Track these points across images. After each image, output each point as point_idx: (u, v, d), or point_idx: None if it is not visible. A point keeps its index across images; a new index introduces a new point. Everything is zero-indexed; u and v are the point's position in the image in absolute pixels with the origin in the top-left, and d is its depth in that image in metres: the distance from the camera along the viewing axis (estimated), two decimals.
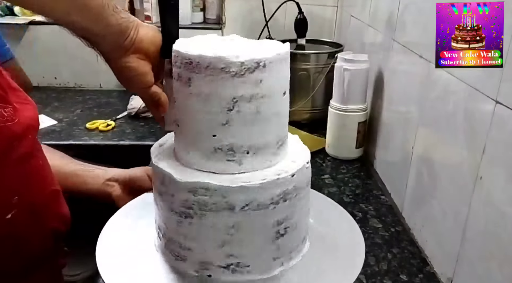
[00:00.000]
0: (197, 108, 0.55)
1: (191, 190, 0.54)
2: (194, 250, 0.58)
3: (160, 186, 0.58)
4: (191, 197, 0.55)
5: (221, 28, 1.67)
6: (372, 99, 1.15)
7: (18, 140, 0.68)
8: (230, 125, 0.54)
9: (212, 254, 0.57)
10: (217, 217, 0.55)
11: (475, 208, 0.64)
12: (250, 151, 0.56)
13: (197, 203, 0.55)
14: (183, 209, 0.56)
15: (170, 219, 0.58)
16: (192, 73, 0.53)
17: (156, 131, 1.34)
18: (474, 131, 0.64)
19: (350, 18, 1.46)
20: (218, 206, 0.54)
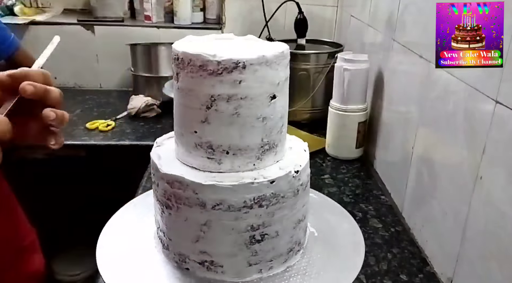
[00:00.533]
0: (181, 102, 0.57)
1: (168, 182, 0.56)
2: (174, 241, 0.60)
3: (153, 176, 0.61)
4: (169, 188, 0.56)
5: (221, 28, 1.68)
6: (372, 99, 1.15)
7: None
8: (209, 123, 0.55)
9: (188, 248, 0.59)
10: (190, 212, 0.56)
11: (475, 208, 0.64)
12: (230, 152, 0.56)
13: (173, 196, 0.56)
14: (163, 200, 0.58)
15: (156, 208, 0.61)
16: (179, 68, 0.55)
17: (156, 131, 1.34)
18: (474, 131, 0.64)
19: (350, 18, 1.46)
20: (190, 201, 0.55)
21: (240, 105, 0.54)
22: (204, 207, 0.55)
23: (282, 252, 0.60)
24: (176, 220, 0.58)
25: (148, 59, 1.52)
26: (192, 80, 0.54)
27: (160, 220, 0.61)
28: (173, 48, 0.56)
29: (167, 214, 0.58)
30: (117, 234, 0.66)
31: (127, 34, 1.64)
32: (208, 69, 0.52)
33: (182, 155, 0.59)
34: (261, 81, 0.54)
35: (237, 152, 0.56)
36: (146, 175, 1.03)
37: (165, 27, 1.68)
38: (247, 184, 0.54)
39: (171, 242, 0.60)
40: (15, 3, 1.73)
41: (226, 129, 0.55)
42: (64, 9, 1.85)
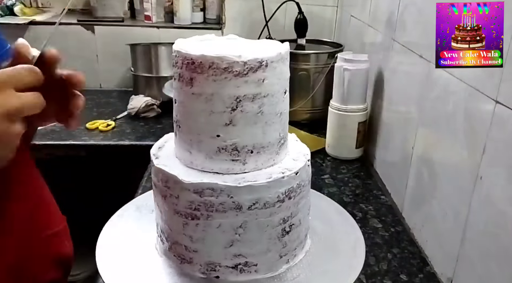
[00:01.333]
0: (200, 109, 0.55)
1: (197, 191, 0.54)
2: (201, 251, 0.58)
3: (164, 188, 0.57)
4: (197, 198, 0.54)
5: (221, 28, 1.68)
6: (372, 99, 1.15)
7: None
8: (234, 124, 0.54)
9: (220, 255, 0.57)
10: (224, 218, 0.55)
11: (475, 208, 0.64)
12: (254, 151, 0.56)
13: (203, 204, 0.55)
14: (189, 211, 0.55)
15: (174, 221, 0.58)
16: (194, 73, 0.53)
17: (156, 131, 1.34)
18: (474, 131, 0.64)
19: (350, 18, 1.46)
20: (225, 206, 0.54)
21: (263, 103, 0.55)
22: (240, 209, 0.55)
23: (302, 239, 0.63)
24: (206, 229, 0.56)
25: (148, 59, 1.52)
26: (215, 83, 0.53)
27: (180, 233, 0.58)
28: (184, 52, 0.54)
29: (192, 225, 0.56)
30: (117, 234, 0.66)
31: (127, 34, 1.64)
32: (233, 71, 0.52)
33: (200, 161, 0.57)
34: (279, 78, 0.56)
35: (260, 150, 0.57)
36: (146, 175, 1.03)
37: (165, 27, 1.68)
38: (279, 179, 0.56)
39: (197, 254, 0.58)
40: (15, 3, 1.73)
41: (251, 128, 0.56)
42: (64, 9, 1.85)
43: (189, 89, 0.54)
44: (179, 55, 0.55)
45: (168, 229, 0.60)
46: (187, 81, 0.54)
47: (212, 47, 0.56)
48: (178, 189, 0.55)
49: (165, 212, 0.59)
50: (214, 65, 0.52)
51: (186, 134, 0.58)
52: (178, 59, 0.55)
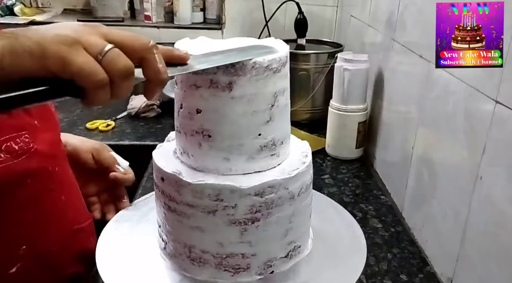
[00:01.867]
0: (240, 111, 0.53)
1: (258, 193, 0.54)
2: (260, 252, 0.57)
3: (213, 202, 0.54)
4: (258, 200, 0.54)
5: (221, 28, 1.68)
6: (372, 99, 1.15)
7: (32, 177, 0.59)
8: (273, 120, 0.56)
9: (276, 248, 0.59)
10: (281, 210, 0.56)
11: (475, 208, 0.64)
12: (284, 142, 0.59)
13: (264, 204, 0.55)
14: (249, 216, 0.55)
15: (230, 233, 0.56)
16: (234, 76, 0.52)
17: (156, 131, 1.34)
18: (474, 131, 0.64)
19: (350, 18, 1.46)
20: (282, 200, 0.56)
21: (287, 95, 0.58)
22: (293, 198, 0.57)
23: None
24: (265, 228, 0.56)
25: None
26: (257, 83, 0.53)
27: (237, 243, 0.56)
28: None
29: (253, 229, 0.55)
30: (117, 234, 0.66)
31: None
32: (273, 68, 0.53)
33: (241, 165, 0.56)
34: (288, 71, 0.58)
35: (285, 140, 0.59)
36: (146, 175, 1.03)
37: (165, 27, 1.69)
38: (309, 163, 0.60)
39: (255, 257, 0.57)
40: (15, 3, 1.73)
41: (283, 121, 0.58)
42: (64, 9, 1.85)
43: (227, 94, 0.52)
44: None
45: (218, 244, 0.56)
46: (225, 86, 0.52)
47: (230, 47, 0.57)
48: (236, 197, 0.54)
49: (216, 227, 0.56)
50: (256, 65, 0.52)
51: (223, 141, 0.55)
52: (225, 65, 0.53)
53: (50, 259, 0.63)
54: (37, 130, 0.62)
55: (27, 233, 0.60)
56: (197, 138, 0.55)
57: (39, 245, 0.61)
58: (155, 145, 0.64)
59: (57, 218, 0.65)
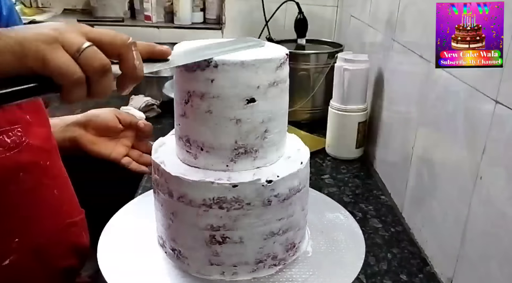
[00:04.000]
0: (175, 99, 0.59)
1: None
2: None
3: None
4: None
5: (221, 28, 1.68)
6: (372, 99, 1.15)
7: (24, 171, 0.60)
8: (187, 117, 0.57)
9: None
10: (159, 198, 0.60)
11: (475, 208, 0.64)
12: (204, 148, 0.57)
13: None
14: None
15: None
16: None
17: (156, 131, 1.33)
18: (474, 131, 0.64)
19: (350, 18, 1.46)
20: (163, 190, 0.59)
21: (212, 103, 0.54)
22: (172, 197, 0.57)
23: (249, 261, 0.59)
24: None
25: None
26: (175, 76, 0.57)
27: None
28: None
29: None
30: (117, 234, 0.66)
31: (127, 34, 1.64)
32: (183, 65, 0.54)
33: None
34: (236, 83, 0.53)
35: (210, 150, 0.57)
36: (146, 175, 1.03)
37: (165, 27, 1.69)
38: (207, 182, 0.54)
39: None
40: (15, 3, 1.73)
41: (200, 125, 0.56)
42: (64, 9, 1.85)
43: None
44: None
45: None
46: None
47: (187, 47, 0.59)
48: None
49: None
50: None
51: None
52: None
53: (43, 252, 0.64)
54: (30, 124, 0.62)
55: (20, 226, 0.60)
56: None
57: (32, 238, 0.62)
58: None
59: (50, 212, 0.66)
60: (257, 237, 0.58)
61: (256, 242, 0.58)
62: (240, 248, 0.58)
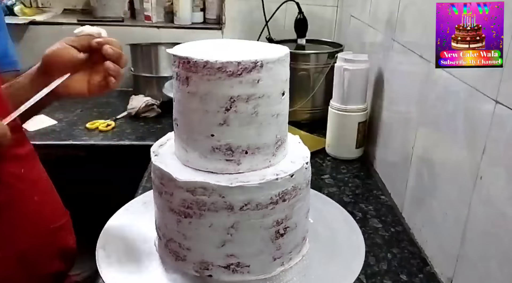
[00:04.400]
0: (194, 107, 0.55)
1: (189, 190, 0.55)
2: (194, 250, 0.58)
3: (160, 185, 0.58)
4: (190, 196, 0.55)
5: (221, 28, 1.67)
6: (372, 99, 1.15)
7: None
8: (228, 125, 0.55)
9: (212, 254, 0.57)
10: (216, 217, 0.55)
11: (475, 208, 0.64)
12: (249, 151, 0.56)
13: (195, 203, 0.55)
14: (182, 209, 0.56)
15: (169, 218, 0.58)
16: (190, 72, 0.54)
17: (156, 131, 1.34)
18: (474, 131, 0.64)
19: (350, 18, 1.46)
20: (217, 206, 0.54)
21: (258, 104, 0.55)
22: (232, 209, 0.55)
23: (298, 242, 0.63)
24: (198, 228, 0.56)
25: (148, 59, 1.52)
26: (209, 83, 0.53)
27: (174, 230, 0.58)
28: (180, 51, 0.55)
29: (186, 223, 0.56)
30: (117, 234, 0.66)
31: (127, 34, 1.64)
32: (227, 71, 0.52)
33: (195, 160, 0.57)
34: (275, 79, 0.56)
35: (255, 151, 0.57)
36: (146, 175, 1.03)
37: (165, 27, 1.68)
38: (272, 181, 0.55)
39: (190, 252, 0.58)
40: (15, 3, 1.73)
41: (245, 129, 0.56)
42: (64, 9, 1.85)
43: (185, 88, 0.55)
44: (176, 54, 0.55)
45: (164, 225, 0.60)
46: (183, 80, 0.55)
47: (209, 48, 0.57)
48: (173, 186, 0.56)
49: (161, 208, 0.60)
50: (208, 65, 0.52)
51: (183, 132, 0.59)
52: (176, 58, 0.56)
53: (29, 258, 0.63)
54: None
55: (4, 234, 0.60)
56: (174, 125, 0.60)
57: (17, 245, 0.62)
58: None
59: (33, 219, 0.64)
60: (303, 218, 0.63)
61: (303, 222, 0.63)
62: (295, 233, 0.61)
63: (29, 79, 0.68)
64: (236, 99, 0.53)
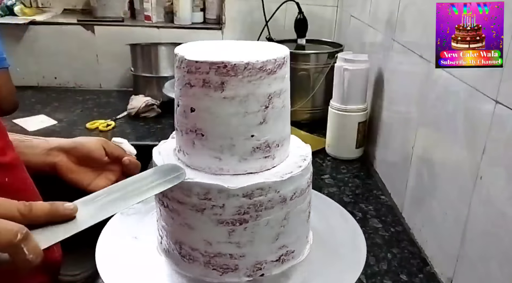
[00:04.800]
0: (232, 112, 0.53)
1: (246, 194, 0.54)
2: (249, 254, 0.57)
3: (202, 202, 0.54)
4: (246, 201, 0.54)
5: (221, 28, 1.67)
6: (372, 99, 1.15)
7: None
8: (266, 122, 0.55)
9: (266, 252, 0.58)
10: (272, 214, 0.56)
11: (475, 208, 0.64)
12: (280, 144, 0.58)
13: (253, 206, 0.54)
14: (237, 217, 0.54)
15: (217, 232, 0.56)
16: (226, 76, 0.52)
17: (156, 131, 1.34)
18: (474, 131, 0.64)
19: (350, 18, 1.46)
20: (273, 202, 0.55)
21: (285, 97, 0.57)
22: (285, 202, 0.56)
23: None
24: (254, 230, 0.56)
25: (148, 59, 1.52)
26: (249, 84, 0.53)
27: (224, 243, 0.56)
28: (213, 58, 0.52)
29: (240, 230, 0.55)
30: (117, 234, 0.66)
31: (127, 34, 1.65)
32: (267, 69, 0.53)
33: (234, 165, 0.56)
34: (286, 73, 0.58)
35: (283, 142, 0.59)
36: None
37: (165, 27, 1.68)
38: (307, 167, 0.59)
39: (243, 258, 0.57)
40: (15, 3, 1.73)
41: (278, 123, 0.57)
42: (64, 9, 1.85)
43: (219, 93, 0.52)
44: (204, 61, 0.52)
45: (207, 244, 0.57)
46: (217, 86, 0.52)
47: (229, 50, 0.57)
48: (224, 197, 0.53)
49: (200, 228, 0.56)
50: (249, 66, 0.52)
51: (215, 141, 0.55)
52: (202, 64, 0.52)
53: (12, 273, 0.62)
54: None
55: None
56: (191, 136, 0.56)
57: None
58: (155, 145, 0.64)
59: None
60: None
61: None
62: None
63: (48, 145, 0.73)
64: (273, 95, 0.55)
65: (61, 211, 0.45)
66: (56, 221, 0.44)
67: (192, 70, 0.52)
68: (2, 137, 0.64)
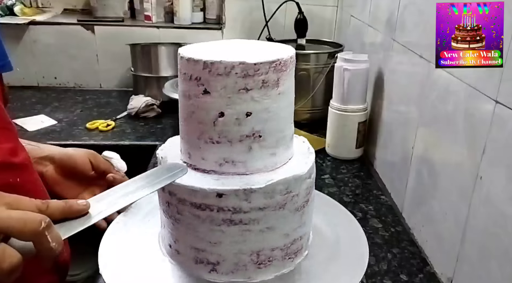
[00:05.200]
0: (284, 105, 0.58)
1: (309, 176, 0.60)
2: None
3: (284, 196, 0.55)
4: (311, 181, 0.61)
5: (221, 28, 1.67)
6: (372, 99, 1.15)
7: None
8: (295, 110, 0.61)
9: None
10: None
11: (475, 208, 0.64)
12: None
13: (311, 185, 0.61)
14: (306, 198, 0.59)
15: (296, 219, 0.59)
16: (280, 72, 0.54)
17: (156, 131, 1.34)
18: (474, 131, 0.64)
19: (350, 18, 1.46)
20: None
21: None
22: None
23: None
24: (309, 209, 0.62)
25: (148, 59, 1.52)
26: (292, 75, 0.57)
27: (300, 223, 0.60)
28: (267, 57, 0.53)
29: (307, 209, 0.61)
30: (118, 234, 0.66)
31: (127, 34, 1.65)
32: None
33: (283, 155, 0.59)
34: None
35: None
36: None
37: (165, 27, 1.68)
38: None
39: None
40: (15, 3, 1.73)
41: None
42: (64, 9, 1.85)
43: (275, 90, 0.54)
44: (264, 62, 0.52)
45: (285, 237, 0.58)
46: (274, 83, 0.54)
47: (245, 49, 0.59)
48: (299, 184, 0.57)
49: (282, 221, 0.57)
50: (292, 59, 0.56)
51: (272, 138, 0.56)
52: (261, 66, 0.52)
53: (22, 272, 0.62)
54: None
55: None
56: (247, 142, 0.55)
57: None
58: (155, 145, 0.64)
59: None
60: None
61: None
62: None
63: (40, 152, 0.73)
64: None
65: (74, 206, 0.48)
66: (71, 217, 0.48)
67: (250, 73, 0.52)
68: (14, 138, 0.65)
